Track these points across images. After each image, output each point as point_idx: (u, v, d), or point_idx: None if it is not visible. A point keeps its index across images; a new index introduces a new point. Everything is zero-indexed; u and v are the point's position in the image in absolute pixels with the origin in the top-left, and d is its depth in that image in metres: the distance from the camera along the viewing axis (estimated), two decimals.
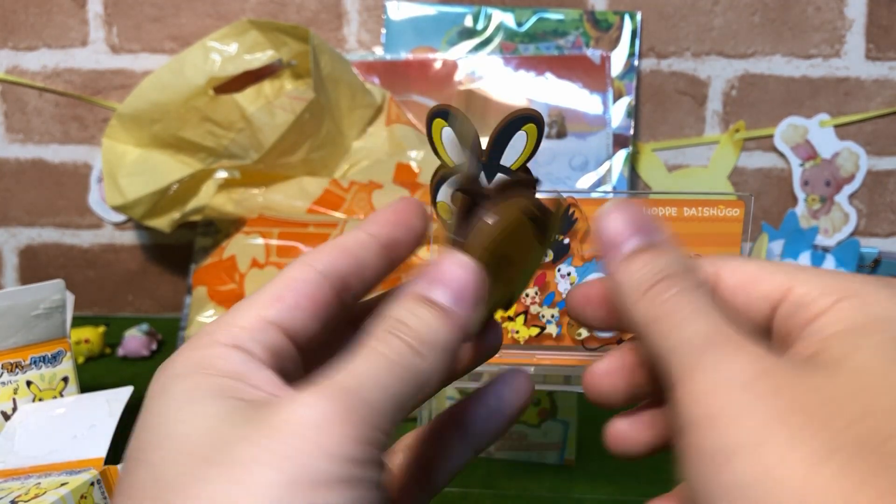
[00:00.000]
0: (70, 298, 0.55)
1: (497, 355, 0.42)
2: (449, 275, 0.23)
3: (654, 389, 0.25)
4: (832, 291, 0.21)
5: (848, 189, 0.85)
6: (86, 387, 0.56)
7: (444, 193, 0.40)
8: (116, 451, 0.48)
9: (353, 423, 0.18)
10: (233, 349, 0.20)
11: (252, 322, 0.21)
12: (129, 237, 0.90)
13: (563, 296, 0.41)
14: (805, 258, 0.73)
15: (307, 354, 0.22)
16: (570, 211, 0.40)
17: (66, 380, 0.54)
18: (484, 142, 0.39)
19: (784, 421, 0.17)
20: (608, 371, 0.26)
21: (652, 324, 0.21)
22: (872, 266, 0.77)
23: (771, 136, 0.85)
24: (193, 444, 0.18)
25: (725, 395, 0.18)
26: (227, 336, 0.21)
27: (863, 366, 0.18)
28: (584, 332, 0.42)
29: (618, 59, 0.82)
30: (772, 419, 0.17)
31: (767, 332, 0.22)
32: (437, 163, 0.40)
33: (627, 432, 0.26)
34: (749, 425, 0.17)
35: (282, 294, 0.22)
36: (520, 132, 0.39)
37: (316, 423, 0.18)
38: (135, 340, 0.76)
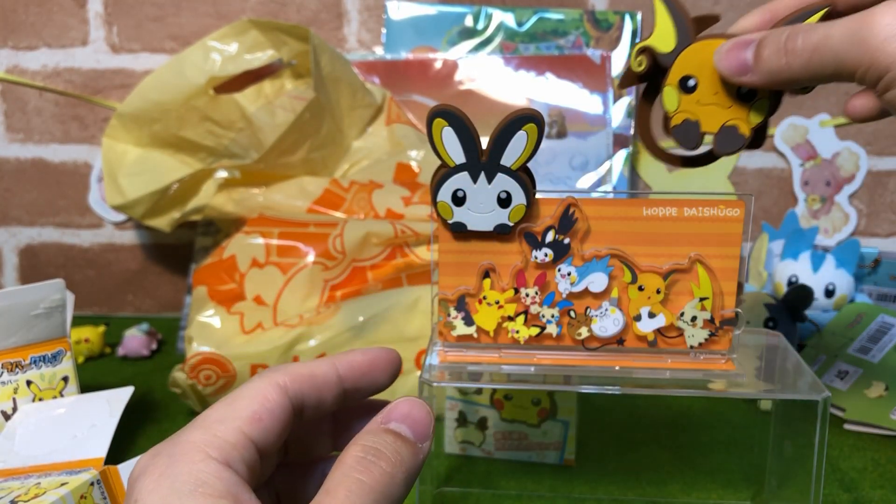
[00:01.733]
0: (70, 298, 0.55)
1: (497, 355, 0.42)
2: (413, 415, 0.27)
3: None
4: None
5: (848, 189, 0.85)
6: (86, 386, 0.56)
7: (445, 193, 0.40)
8: (116, 451, 0.48)
9: None
10: (225, 468, 0.23)
11: (237, 438, 0.24)
12: (129, 237, 0.90)
13: (564, 295, 0.41)
14: (805, 258, 0.73)
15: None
16: (571, 211, 0.40)
17: (66, 379, 0.54)
18: (484, 142, 0.39)
19: None
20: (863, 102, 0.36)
21: (812, 52, 0.31)
22: (873, 266, 0.77)
23: (771, 136, 0.85)
24: None
25: None
26: (217, 450, 0.23)
27: None
28: (584, 332, 0.42)
29: (618, 59, 0.82)
30: None
31: None
32: (438, 162, 0.40)
33: (863, 104, 0.36)
34: None
35: (261, 416, 0.25)
36: (520, 132, 0.39)
37: None
38: (135, 340, 0.76)
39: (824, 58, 0.31)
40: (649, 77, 0.38)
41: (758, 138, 0.38)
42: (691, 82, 0.36)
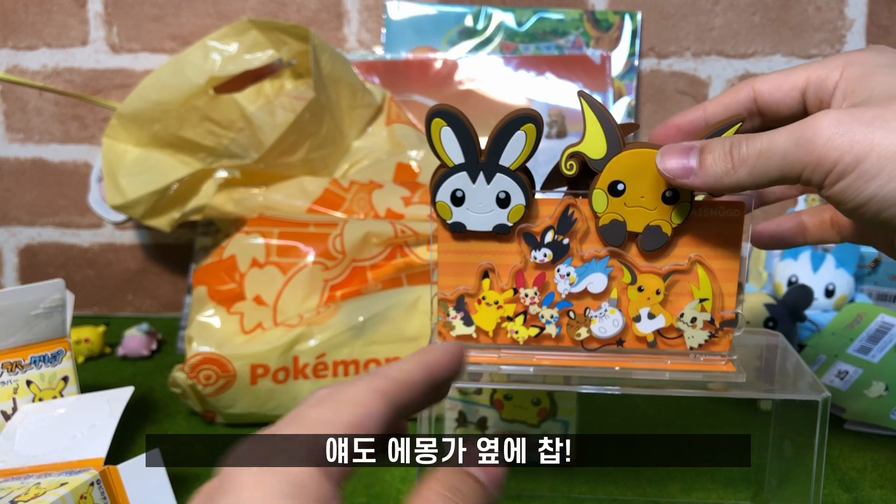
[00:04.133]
0: (70, 298, 0.56)
1: (496, 355, 0.42)
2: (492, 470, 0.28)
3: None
4: (837, 65, 0.36)
5: None
6: (86, 387, 0.56)
7: (444, 193, 0.40)
8: (116, 451, 0.48)
9: None
10: (324, 477, 0.23)
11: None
12: (129, 237, 0.90)
13: (563, 296, 0.41)
14: (805, 258, 0.73)
15: None
16: (570, 211, 0.40)
17: (65, 379, 0.54)
18: (483, 142, 0.39)
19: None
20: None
21: (757, 157, 0.34)
22: (873, 266, 0.77)
23: None
24: None
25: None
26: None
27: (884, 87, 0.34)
28: (583, 333, 0.42)
29: (618, 59, 0.82)
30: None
31: (804, 111, 0.38)
32: (437, 162, 0.40)
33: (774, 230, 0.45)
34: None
35: (365, 424, 0.25)
36: (518, 132, 0.39)
37: None
38: (135, 340, 0.76)
39: (770, 162, 0.34)
40: (574, 180, 0.40)
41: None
42: (620, 187, 0.39)
